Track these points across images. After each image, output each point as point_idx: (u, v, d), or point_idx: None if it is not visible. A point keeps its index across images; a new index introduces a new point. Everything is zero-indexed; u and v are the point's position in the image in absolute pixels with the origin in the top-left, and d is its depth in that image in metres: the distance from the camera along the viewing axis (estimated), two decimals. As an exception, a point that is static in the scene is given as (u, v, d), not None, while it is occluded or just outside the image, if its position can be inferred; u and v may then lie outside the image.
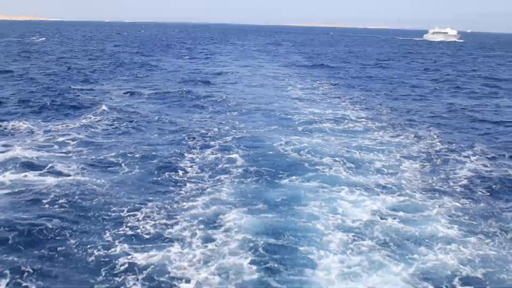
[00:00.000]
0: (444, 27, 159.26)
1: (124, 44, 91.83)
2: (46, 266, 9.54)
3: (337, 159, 16.95)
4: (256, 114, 24.99)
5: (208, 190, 13.82)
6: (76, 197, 12.84)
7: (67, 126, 20.91)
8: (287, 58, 66.77)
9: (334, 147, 18.51)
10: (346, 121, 23.50)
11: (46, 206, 12.25)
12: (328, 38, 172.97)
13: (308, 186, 14.30)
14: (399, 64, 61.23)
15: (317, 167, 16.00)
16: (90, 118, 22.59)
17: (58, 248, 10.21)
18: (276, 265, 9.87)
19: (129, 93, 30.37)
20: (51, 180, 14.01)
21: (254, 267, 9.71)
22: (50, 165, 15.21)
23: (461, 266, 9.92)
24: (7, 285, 8.75)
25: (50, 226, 11.15)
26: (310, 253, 10.35)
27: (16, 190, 13.19)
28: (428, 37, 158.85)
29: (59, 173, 14.60)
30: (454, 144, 19.47)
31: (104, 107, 24.41)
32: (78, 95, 28.48)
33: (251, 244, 10.61)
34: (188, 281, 9.21)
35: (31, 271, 9.29)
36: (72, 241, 10.57)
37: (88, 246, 10.38)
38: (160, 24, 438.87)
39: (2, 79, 35.05)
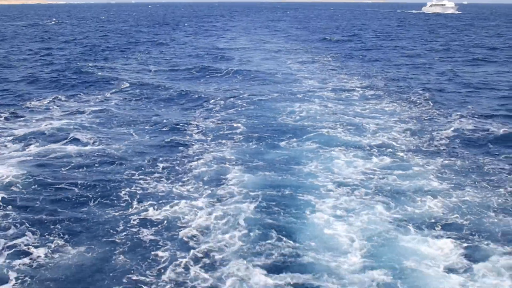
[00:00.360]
0: None
1: (135, 24, 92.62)
2: (71, 222, 10.71)
3: (334, 124, 18.09)
4: (259, 85, 26.24)
5: (212, 152, 15.06)
6: (95, 163, 14.10)
7: (84, 100, 22.45)
8: (288, 33, 67.34)
9: (332, 114, 19.63)
10: (344, 90, 24.58)
11: (69, 172, 13.49)
12: (330, 13, 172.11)
13: (306, 148, 15.46)
14: (396, 36, 61.75)
15: (316, 131, 17.17)
16: (105, 93, 24.24)
17: (82, 208, 11.41)
18: (276, 210, 11.10)
19: (142, 69, 31.81)
20: (72, 148, 15.31)
21: (257, 214, 10.91)
22: (71, 135, 16.58)
23: (446, 213, 11.01)
24: (37, 240, 9.90)
25: (74, 189, 12.38)
26: (308, 202, 11.53)
27: (42, 159, 14.42)
28: (426, 9, 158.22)
29: (78, 143, 16.00)
30: (442, 109, 20.53)
31: (119, 82, 26.31)
32: (94, 72, 29.77)
33: (253, 196, 11.81)
34: (196, 230, 10.30)
35: (59, 227, 10.48)
36: (93, 201, 11.76)
37: (107, 204, 11.57)
38: (166, 4, 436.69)
39: (26, 58, 36.33)
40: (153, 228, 10.48)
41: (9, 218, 10.73)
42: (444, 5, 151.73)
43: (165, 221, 10.77)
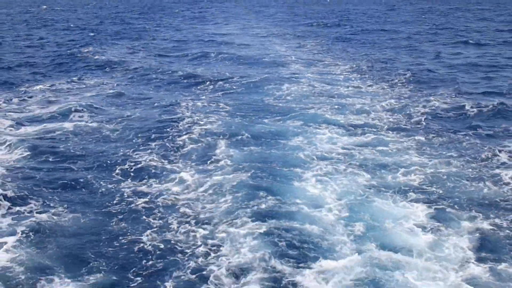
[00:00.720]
0: None
1: (125, 10, 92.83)
2: (69, 193, 11.46)
3: (319, 103, 18.92)
4: (247, 67, 27.00)
5: (202, 126, 15.97)
6: (93, 140, 14.96)
7: (82, 83, 23.24)
8: (277, 18, 67.80)
9: (317, 94, 20.44)
10: (330, 73, 25.41)
11: (67, 147, 14.27)
12: None
13: (292, 125, 16.31)
14: (385, 20, 62.55)
15: (301, 109, 18.02)
16: (103, 76, 25.12)
17: (79, 180, 12.15)
18: (263, 177, 12.02)
19: (133, 52, 32.51)
20: (70, 126, 16.23)
21: (244, 181, 11.76)
22: (70, 116, 17.57)
23: (421, 183, 11.90)
24: (39, 207, 10.64)
25: (72, 163, 13.17)
26: (292, 171, 12.46)
27: (43, 135, 15.27)
28: None
29: (77, 122, 16.86)
30: (423, 89, 21.48)
31: (114, 66, 27.27)
32: (91, 57, 30.45)
33: (241, 167, 12.63)
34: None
35: (57, 199, 11.21)
36: (90, 175, 12.49)
37: (102, 179, 12.30)
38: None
39: (25, 44, 36.76)
40: (146, 198, 11.23)
41: (13, 187, 11.45)
42: None
43: (157, 192, 11.52)
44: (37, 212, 10.43)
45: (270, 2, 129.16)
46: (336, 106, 18.49)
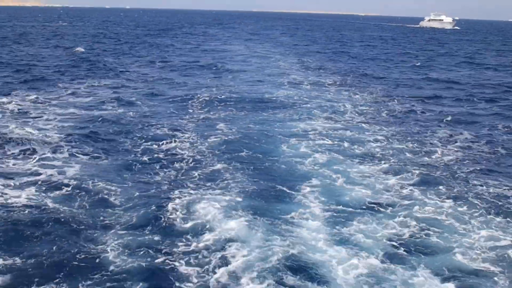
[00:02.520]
0: (440, 14, 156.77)
1: (136, 27, 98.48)
2: (101, 151, 14.99)
3: (309, 104, 23.12)
4: (248, 77, 31.54)
5: (205, 116, 20.16)
6: (119, 120, 18.86)
7: (102, 84, 27.23)
8: (277, 40, 72.64)
9: (308, 98, 24.57)
10: (320, 83, 29.94)
11: (99, 125, 18.09)
12: (318, 23, 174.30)
13: (280, 117, 20.42)
14: (376, 45, 67.83)
15: (294, 107, 22.32)
16: (119, 80, 29.09)
17: (110, 143, 15.88)
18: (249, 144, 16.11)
19: (146, 65, 36.65)
20: (101, 113, 20.04)
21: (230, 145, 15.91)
22: (98, 107, 21.44)
23: (381, 153, 15.85)
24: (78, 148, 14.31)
25: (105, 136, 16.77)
26: (278, 138, 16.91)
27: (84, 118, 19.20)
28: (424, 24, 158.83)
29: (98, 109, 20.87)
30: (390, 95, 26.44)
31: (128, 73, 31.65)
32: (109, 65, 35.04)
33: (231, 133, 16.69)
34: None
35: (94, 149, 14.91)
36: (118, 137, 16.41)
37: (125, 141, 16.12)
38: (158, 10, 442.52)
39: (54, 54, 41.10)
40: (155, 156, 14.80)
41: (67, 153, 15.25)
42: (442, 20, 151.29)
43: (165, 153, 15.04)
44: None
45: (275, 25, 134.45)
46: (323, 106, 22.66)
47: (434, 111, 22.92)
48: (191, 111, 21.06)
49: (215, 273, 8.57)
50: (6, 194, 11.29)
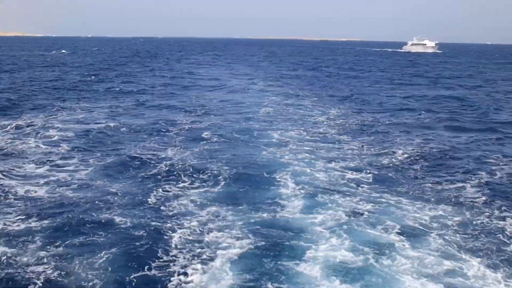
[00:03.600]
0: (423, 38, 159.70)
1: (131, 55, 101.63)
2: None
3: (287, 118, 25.91)
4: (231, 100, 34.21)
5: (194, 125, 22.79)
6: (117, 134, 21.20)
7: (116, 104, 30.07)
8: (258, 65, 75.65)
9: (286, 115, 27.05)
10: (299, 104, 32.17)
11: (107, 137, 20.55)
12: (293, 49, 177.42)
13: (260, 126, 23.09)
14: (357, 68, 71.26)
15: (274, 121, 24.96)
16: (125, 99, 32.23)
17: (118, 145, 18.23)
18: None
19: (138, 91, 39.19)
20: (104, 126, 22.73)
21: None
22: (102, 120, 24.11)
23: (354, 153, 18.50)
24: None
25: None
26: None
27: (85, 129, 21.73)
28: (407, 48, 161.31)
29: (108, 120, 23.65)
30: (359, 109, 29.34)
31: (131, 93, 35.68)
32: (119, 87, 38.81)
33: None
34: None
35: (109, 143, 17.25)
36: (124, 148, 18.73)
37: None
38: (149, 39, 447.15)
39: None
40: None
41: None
42: (425, 44, 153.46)
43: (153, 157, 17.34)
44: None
45: (256, 51, 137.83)
46: (300, 121, 25.25)
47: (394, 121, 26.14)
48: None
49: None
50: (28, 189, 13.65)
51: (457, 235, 11.25)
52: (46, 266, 9.33)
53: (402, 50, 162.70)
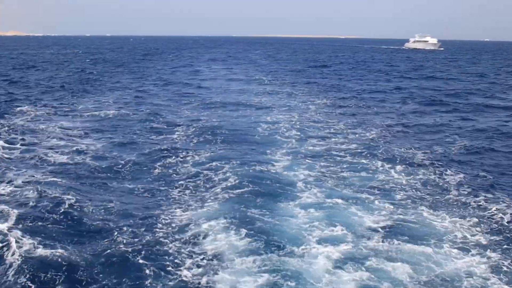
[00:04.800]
0: (425, 35, 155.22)
1: (135, 52, 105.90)
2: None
3: (291, 118, 26.23)
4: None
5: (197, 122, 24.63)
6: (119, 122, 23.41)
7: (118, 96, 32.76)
8: (259, 64, 76.58)
9: (281, 102, 29.03)
10: (299, 101, 32.35)
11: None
12: (295, 47, 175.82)
13: (263, 133, 22.60)
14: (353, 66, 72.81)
15: (276, 120, 25.42)
16: (124, 95, 34.60)
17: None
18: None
19: (143, 84, 41.54)
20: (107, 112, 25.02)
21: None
22: (104, 113, 25.96)
23: (354, 146, 19.56)
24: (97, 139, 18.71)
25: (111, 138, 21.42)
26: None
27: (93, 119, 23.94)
28: (409, 45, 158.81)
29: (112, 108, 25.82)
30: (363, 110, 30.03)
31: (124, 91, 36.88)
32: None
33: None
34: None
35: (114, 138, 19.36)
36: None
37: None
38: (148, 37, 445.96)
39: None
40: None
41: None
42: (427, 41, 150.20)
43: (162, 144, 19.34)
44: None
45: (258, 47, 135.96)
46: (299, 124, 24.29)
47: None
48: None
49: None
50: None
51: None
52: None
53: (404, 47, 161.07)
